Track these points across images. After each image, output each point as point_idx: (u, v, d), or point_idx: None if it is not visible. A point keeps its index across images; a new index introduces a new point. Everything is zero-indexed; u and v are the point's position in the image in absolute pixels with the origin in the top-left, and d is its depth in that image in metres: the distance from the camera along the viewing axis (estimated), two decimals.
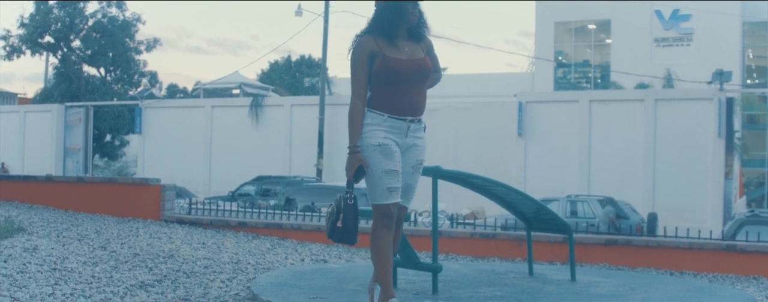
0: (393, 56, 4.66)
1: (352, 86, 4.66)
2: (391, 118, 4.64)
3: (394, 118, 4.65)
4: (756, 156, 42.75)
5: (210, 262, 7.10)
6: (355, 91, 4.65)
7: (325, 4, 30.36)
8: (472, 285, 6.07)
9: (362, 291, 5.43)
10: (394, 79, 4.65)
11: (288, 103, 32.43)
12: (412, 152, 4.76)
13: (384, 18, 4.70)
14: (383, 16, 4.71)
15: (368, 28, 4.75)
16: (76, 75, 38.94)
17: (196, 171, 31.51)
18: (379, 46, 4.66)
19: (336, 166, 29.56)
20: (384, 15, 4.70)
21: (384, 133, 4.62)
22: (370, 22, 4.75)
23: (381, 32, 4.70)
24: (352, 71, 4.67)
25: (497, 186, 6.34)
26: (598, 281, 6.58)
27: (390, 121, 4.65)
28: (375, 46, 4.66)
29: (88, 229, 8.41)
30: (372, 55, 4.65)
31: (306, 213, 11.50)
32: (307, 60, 53.64)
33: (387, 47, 4.67)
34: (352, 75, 4.67)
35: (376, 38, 4.68)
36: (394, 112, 4.65)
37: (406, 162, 4.74)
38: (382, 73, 4.64)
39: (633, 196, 24.33)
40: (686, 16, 43.76)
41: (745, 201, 34.20)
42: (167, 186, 10.03)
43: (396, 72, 4.65)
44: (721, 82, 26.24)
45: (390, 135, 4.64)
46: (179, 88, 55.28)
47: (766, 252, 8.22)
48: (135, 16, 39.66)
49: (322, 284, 5.99)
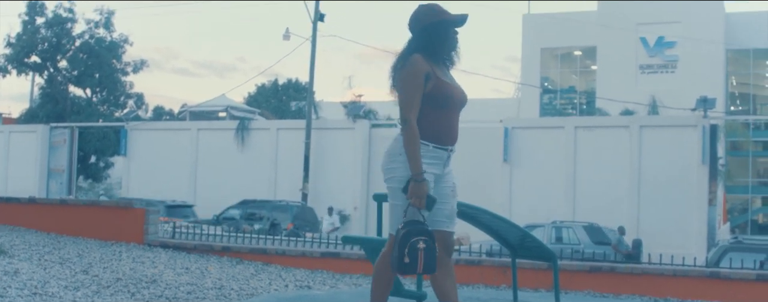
0: (444, 80, 4.49)
1: (406, 106, 4.39)
2: (435, 147, 4.47)
3: (438, 148, 4.48)
4: (740, 182, 42.96)
5: (193, 288, 7.05)
6: (411, 111, 4.37)
7: (313, 28, 30.43)
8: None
9: None
10: (445, 103, 4.47)
11: (274, 127, 32.39)
12: (448, 177, 4.60)
13: (436, 40, 4.50)
14: (435, 38, 4.51)
15: (417, 49, 4.50)
16: (61, 95, 38.82)
17: (180, 195, 31.33)
18: (432, 67, 4.46)
19: (321, 190, 29.52)
20: (436, 37, 4.50)
21: (426, 165, 4.39)
22: (418, 42, 4.52)
23: (432, 54, 4.50)
24: (407, 89, 4.40)
25: (483, 213, 6.33)
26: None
27: (434, 152, 4.46)
28: (429, 67, 4.44)
29: (70, 253, 8.34)
30: (427, 75, 4.42)
31: (290, 238, 11.47)
32: (294, 83, 53.77)
33: (438, 70, 4.49)
34: (407, 94, 4.40)
35: (427, 60, 4.47)
36: (438, 141, 4.47)
37: (444, 188, 4.55)
38: (437, 96, 4.43)
39: (618, 222, 24.36)
40: (671, 43, 44.10)
41: (728, 227, 34.33)
42: (151, 210, 9.98)
43: (448, 97, 4.47)
44: (705, 109, 26.39)
45: (431, 168, 4.44)
46: (165, 110, 55.16)
47: (749, 279, 8.23)
48: (122, 37, 39.65)
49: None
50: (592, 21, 44.75)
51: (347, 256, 9.31)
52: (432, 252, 4.25)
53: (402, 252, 4.23)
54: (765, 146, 46.71)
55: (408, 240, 4.23)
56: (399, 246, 4.25)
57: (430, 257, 4.25)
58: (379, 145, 30.30)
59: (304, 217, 24.65)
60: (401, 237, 4.25)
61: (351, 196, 29.65)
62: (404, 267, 4.26)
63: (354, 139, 30.26)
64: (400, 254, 4.23)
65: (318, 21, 30.39)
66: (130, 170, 33.44)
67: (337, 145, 30.39)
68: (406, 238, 4.24)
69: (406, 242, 4.23)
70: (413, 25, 4.57)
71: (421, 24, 4.53)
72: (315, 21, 30.37)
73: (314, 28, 30.44)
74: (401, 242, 4.24)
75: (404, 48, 4.56)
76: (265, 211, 24.57)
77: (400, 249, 4.24)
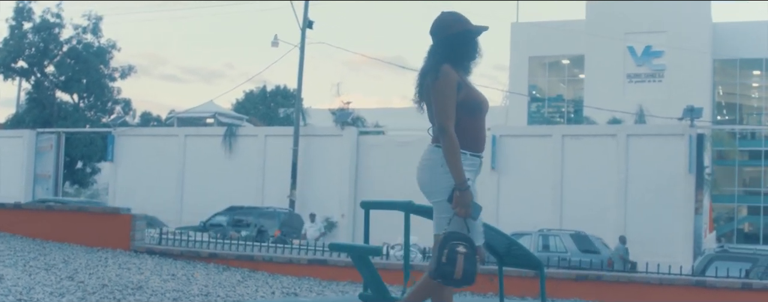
0: (473, 87, 4.51)
1: (445, 116, 4.34)
2: (472, 155, 4.43)
3: (474, 156, 4.45)
4: (726, 191, 43.19)
5: (179, 294, 7.02)
6: (449, 120, 4.33)
7: (302, 35, 30.44)
8: None
9: None
10: (476, 110, 4.47)
11: (262, 134, 32.36)
12: (475, 186, 4.52)
13: (463, 49, 4.51)
14: (463, 48, 4.51)
15: (444, 58, 4.46)
16: (48, 101, 38.69)
17: (167, 201, 31.26)
18: (460, 76, 4.47)
19: (308, 197, 29.49)
20: (464, 46, 4.51)
21: (466, 173, 4.34)
22: (445, 51, 4.48)
23: (458, 63, 4.49)
24: (444, 100, 4.36)
25: None
26: None
27: (470, 160, 4.42)
28: (458, 76, 4.43)
29: (55, 259, 8.29)
30: (459, 85, 4.42)
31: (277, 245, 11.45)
32: (282, 90, 53.73)
33: (465, 79, 4.51)
34: (445, 104, 4.36)
35: (454, 68, 4.45)
36: (474, 148, 4.44)
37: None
38: (469, 104, 4.43)
39: (604, 231, 24.44)
40: (658, 52, 44.34)
41: (714, 236, 34.45)
42: (138, 216, 9.94)
43: (479, 103, 4.49)
44: (691, 119, 26.53)
45: (470, 174, 4.38)
46: (153, 116, 55.08)
47: (735, 288, 8.27)
48: (110, 42, 39.59)
49: None
50: (580, 30, 44.95)
51: (334, 263, 9.30)
52: (472, 260, 4.20)
53: (441, 252, 4.18)
54: (751, 155, 46.94)
55: (448, 243, 4.20)
56: (439, 248, 4.21)
57: (470, 264, 4.18)
58: (366, 153, 30.32)
59: (292, 224, 24.60)
60: (442, 239, 4.23)
61: (338, 203, 29.64)
62: (442, 268, 4.18)
63: (342, 146, 30.26)
64: (439, 255, 4.18)
65: (306, 28, 30.41)
66: (117, 176, 33.33)
67: (325, 152, 30.38)
68: (447, 240, 4.21)
69: (446, 244, 4.20)
70: (438, 32, 4.54)
71: (446, 32, 4.52)
72: (303, 28, 30.39)
73: (303, 35, 30.46)
74: (442, 244, 4.21)
75: (430, 56, 4.53)
76: (252, 218, 24.53)
77: (439, 251, 4.20)
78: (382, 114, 45.76)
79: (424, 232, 19.32)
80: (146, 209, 22.81)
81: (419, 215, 5.97)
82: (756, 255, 14.31)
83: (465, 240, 4.23)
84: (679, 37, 42.66)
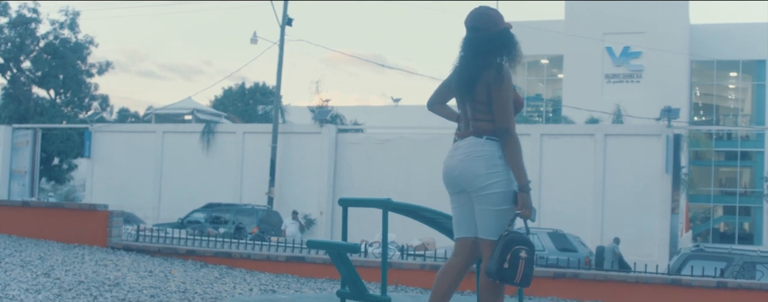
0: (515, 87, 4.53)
1: (507, 116, 4.33)
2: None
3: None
4: (702, 191, 43.55)
5: (156, 291, 6.99)
6: (511, 120, 4.34)
7: (281, 32, 30.37)
8: None
9: None
10: (518, 111, 4.49)
11: (240, 130, 32.26)
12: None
13: (516, 47, 4.47)
14: (515, 46, 4.47)
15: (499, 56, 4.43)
16: (25, 96, 38.40)
17: (145, 197, 31.11)
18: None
19: (287, 195, 29.45)
20: (515, 44, 4.47)
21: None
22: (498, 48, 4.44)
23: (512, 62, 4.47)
24: (508, 101, 4.36)
25: (447, 219, 6.34)
26: None
27: None
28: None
29: (31, 255, 8.24)
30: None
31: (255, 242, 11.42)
32: (261, 87, 53.55)
33: None
34: (509, 105, 4.35)
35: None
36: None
37: None
38: (516, 105, 4.45)
39: (581, 229, 24.55)
40: (636, 53, 44.63)
41: (691, 235, 34.77)
42: (115, 213, 9.89)
43: (521, 105, 4.53)
44: (668, 119, 26.72)
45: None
46: (130, 112, 54.76)
47: (710, 286, 8.34)
48: (87, 38, 39.35)
49: None
50: (559, 30, 45.16)
51: (312, 261, 9.30)
52: (531, 265, 4.22)
53: (503, 257, 4.19)
54: (727, 156, 47.40)
55: (511, 247, 4.20)
56: (502, 251, 4.21)
57: (529, 268, 4.20)
58: (345, 150, 30.30)
59: (270, 221, 24.55)
60: (506, 242, 4.22)
61: (317, 201, 29.61)
62: (502, 272, 4.20)
63: (321, 144, 30.22)
64: (501, 259, 4.19)
65: (286, 25, 30.35)
66: (94, 172, 33.10)
67: (304, 150, 30.34)
68: (510, 245, 4.20)
69: (510, 248, 4.20)
70: (487, 26, 4.46)
71: (496, 28, 4.45)
72: (283, 25, 30.32)
73: (282, 33, 30.39)
74: (505, 247, 4.20)
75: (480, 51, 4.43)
76: (230, 215, 24.46)
77: (502, 254, 4.20)
78: (360, 111, 45.75)
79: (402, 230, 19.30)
80: (123, 206, 22.76)
81: (397, 213, 5.98)
82: (731, 255, 14.43)
83: (527, 244, 4.24)
84: (657, 38, 42.97)
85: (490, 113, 4.36)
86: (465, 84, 4.43)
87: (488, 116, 4.37)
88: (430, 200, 22.98)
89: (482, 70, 4.37)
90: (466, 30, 4.52)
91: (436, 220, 6.44)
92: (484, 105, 4.38)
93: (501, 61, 4.39)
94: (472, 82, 4.40)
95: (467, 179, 4.39)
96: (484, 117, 4.38)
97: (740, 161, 47.30)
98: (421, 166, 28.68)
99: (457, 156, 4.46)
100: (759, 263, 13.42)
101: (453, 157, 4.51)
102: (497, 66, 4.37)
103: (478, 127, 4.40)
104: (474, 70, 4.39)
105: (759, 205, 44.51)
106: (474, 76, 4.39)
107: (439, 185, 19.82)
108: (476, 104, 4.40)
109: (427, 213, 6.29)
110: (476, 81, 4.38)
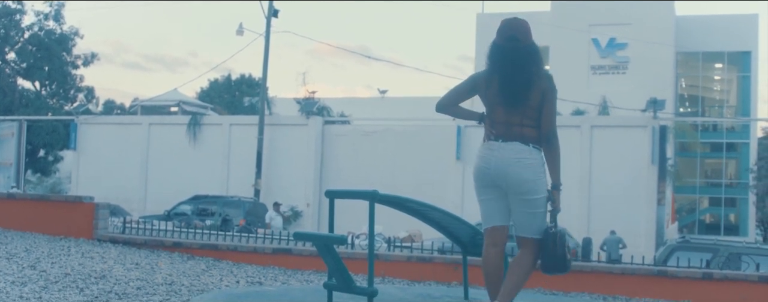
0: None
1: (555, 121, 4.73)
2: None
3: None
4: (688, 183, 43.71)
5: (143, 283, 6.98)
6: (556, 125, 4.75)
7: (267, 24, 30.30)
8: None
9: None
10: None
11: (227, 122, 32.19)
12: None
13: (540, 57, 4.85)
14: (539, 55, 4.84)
15: (542, 65, 4.86)
16: (9, 88, 38.18)
17: (131, 190, 31.02)
18: None
19: (273, 187, 29.41)
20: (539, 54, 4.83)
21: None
22: (540, 59, 4.85)
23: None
24: (555, 108, 4.76)
25: (433, 210, 6.35)
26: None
27: None
28: None
29: (17, 247, 8.21)
30: None
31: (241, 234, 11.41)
32: (247, 79, 53.46)
33: None
34: (556, 113, 4.76)
35: None
36: None
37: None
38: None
39: (568, 221, 24.51)
40: (622, 44, 44.69)
41: (677, 227, 34.92)
42: (101, 205, 9.86)
43: None
44: (654, 111, 26.81)
45: None
46: (116, 104, 54.59)
47: (696, 277, 8.39)
48: (73, 29, 39.14)
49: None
50: (545, 21, 45.12)
51: (299, 253, 9.30)
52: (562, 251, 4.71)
53: (563, 251, 4.67)
54: (713, 147, 47.59)
55: (563, 241, 4.68)
56: (558, 246, 4.67)
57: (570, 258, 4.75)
58: (331, 142, 30.29)
59: (257, 213, 24.51)
60: (561, 236, 4.68)
61: (303, 192, 29.59)
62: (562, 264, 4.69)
63: (307, 136, 30.19)
64: (563, 251, 4.66)
65: (272, 17, 30.27)
66: (80, 164, 32.98)
67: (290, 141, 30.30)
68: (562, 239, 4.69)
69: (562, 242, 4.68)
70: (523, 37, 4.83)
71: (529, 39, 4.85)
72: (268, 16, 30.25)
73: (268, 24, 30.32)
74: (558, 242, 4.67)
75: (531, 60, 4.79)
76: (216, 207, 24.41)
77: (563, 247, 4.67)
78: (347, 103, 45.66)
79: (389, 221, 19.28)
80: (109, 198, 22.59)
81: (384, 204, 5.98)
82: (716, 246, 14.50)
83: (565, 236, 4.75)
84: (643, 30, 43.04)
85: (535, 119, 4.69)
86: (520, 91, 4.71)
87: (534, 122, 4.69)
88: (417, 191, 23.00)
89: (538, 79, 4.70)
90: (502, 39, 4.89)
91: (423, 212, 6.44)
92: (535, 111, 4.69)
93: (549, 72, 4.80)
94: (528, 90, 4.68)
95: (513, 182, 4.69)
96: (531, 123, 4.69)
97: (726, 152, 47.53)
98: (407, 158, 28.69)
99: (501, 158, 4.72)
100: (744, 254, 13.47)
101: (493, 157, 4.75)
102: (549, 76, 4.76)
103: (524, 133, 4.69)
104: (529, 78, 4.71)
105: (744, 196, 44.76)
106: (529, 84, 4.69)
107: (425, 176, 20.05)
108: (527, 110, 4.69)
109: (413, 205, 6.29)
110: (531, 88, 4.68)
